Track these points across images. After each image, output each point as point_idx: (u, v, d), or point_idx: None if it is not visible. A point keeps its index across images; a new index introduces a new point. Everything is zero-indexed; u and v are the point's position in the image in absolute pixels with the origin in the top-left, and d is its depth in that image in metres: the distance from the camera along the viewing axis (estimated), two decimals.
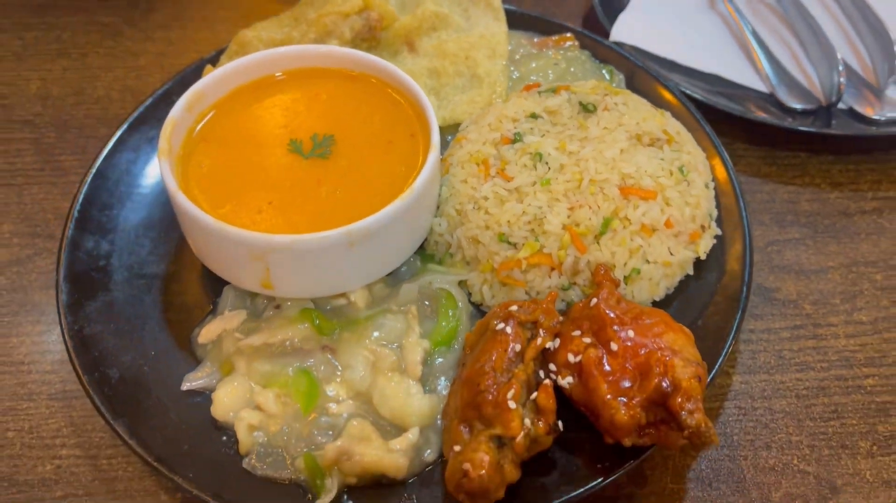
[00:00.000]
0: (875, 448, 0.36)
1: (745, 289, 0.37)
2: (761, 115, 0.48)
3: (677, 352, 0.33)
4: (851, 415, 0.37)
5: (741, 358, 0.39)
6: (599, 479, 0.32)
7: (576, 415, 0.34)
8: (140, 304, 0.40)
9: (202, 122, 0.41)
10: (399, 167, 0.38)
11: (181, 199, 0.36)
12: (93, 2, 0.69)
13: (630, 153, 0.39)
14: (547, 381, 0.33)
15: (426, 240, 0.42)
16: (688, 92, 0.48)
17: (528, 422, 0.32)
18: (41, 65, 0.55)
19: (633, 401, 0.32)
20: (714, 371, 0.35)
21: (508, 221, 0.38)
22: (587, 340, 0.34)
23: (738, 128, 0.49)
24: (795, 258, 0.43)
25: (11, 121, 0.51)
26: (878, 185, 0.46)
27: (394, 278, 0.40)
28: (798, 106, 0.48)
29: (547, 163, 0.39)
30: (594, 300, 0.36)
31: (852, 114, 0.48)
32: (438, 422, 0.35)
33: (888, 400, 0.37)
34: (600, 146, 0.39)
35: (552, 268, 0.38)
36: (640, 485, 0.36)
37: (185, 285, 0.41)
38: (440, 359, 0.37)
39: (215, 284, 0.40)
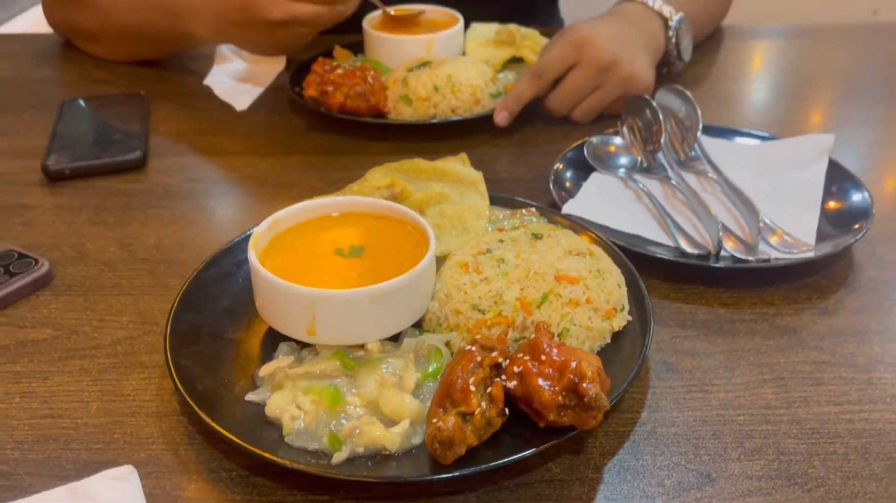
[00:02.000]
0: (742, 456, 0.49)
1: (645, 344, 0.53)
2: (668, 257, 0.66)
3: (584, 359, 0.48)
4: (726, 437, 0.50)
5: (648, 401, 0.54)
6: (532, 450, 0.46)
7: (521, 419, 0.48)
8: (219, 354, 0.56)
9: (277, 237, 0.61)
10: (408, 262, 0.56)
11: (258, 264, 0.55)
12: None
13: (563, 259, 0.57)
14: (497, 380, 0.48)
15: (423, 318, 0.59)
16: (614, 240, 0.68)
17: (484, 404, 0.47)
18: (158, 227, 0.75)
19: (555, 388, 0.47)
20: (622, 388, 0.49)
21: (479, 297, 0.54)
22: (527, 358, 0.49)
23: (652, 269, 0.66)
24: (692, 346, 0.58)
25: (135, 259, 0.70)
26: (754, 305, 0.62)
27: (399, 337, 0.57)
28: (694, 251, 0.66)
29: (507, 263, 0.57)
30: (533, 336, 0.52)
31: (734, 259, 0.67)
32: (424, 422, 0.49)
33: (753, 428, 0.51)
34: (543, 255, 0.58)
35: (508, 326, 0.54)
36: (567, 473, 0.48)
37: (251, 345, 0.57)
38: (428, 385, 0.53)
39: (273, 343, 0.57)
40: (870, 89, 1.04)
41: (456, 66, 0.90)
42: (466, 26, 1.03)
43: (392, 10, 1.01)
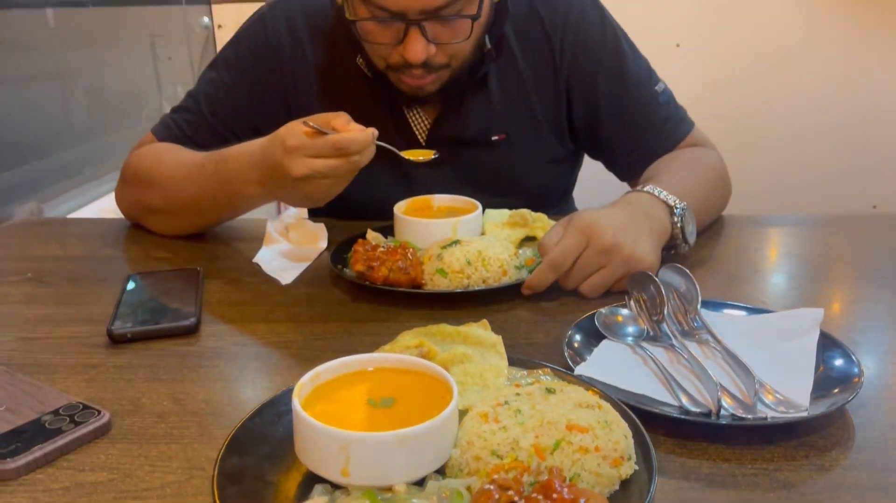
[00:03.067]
0: None
1: (651, 490, 0.57)
2: (672, 414, 0.72)
3: (593, 498, 0.53)
4: None
5: None
6: None
7: None
8: (261, 494, 0.60)
9: (318, 388, 0.68)
10: (434, 411, 0.62)
11: (300, 409, 0.61)
12: None
13: (574, 410, 0.63)
14: None
15: (446, 466, 0.64)
16: (623, 399, 0.73)
17: None
18: (208, 384, 0.82)
19: None
20: None
21: (498, 443, 0.60)
22: (540, 497, 0.54)
23: (658, 425, 0.72)
24: (696, 497, 0.62)
25: (185, 412, 0.76)
26: (755, 460, 0.65)
27: (424, 482, 0.62)
28: (696, 409, 0.72)
29: (523, 413, 0.63)
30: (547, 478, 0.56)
31: (734, 417, 0.72)
32: None
33: None
34: (556, 407, 0.64)
35: (523, 470, 0.59)
36: None
37: (289, 487, 0.62)
38: None
39: (309, 485, 0.62)
40: (864, 270, 1.12)
41: (483, 243, 1.02)
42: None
43: (405, 154, 1.14)
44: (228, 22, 2.75)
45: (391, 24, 1.08)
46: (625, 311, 0.89)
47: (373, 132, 1.00)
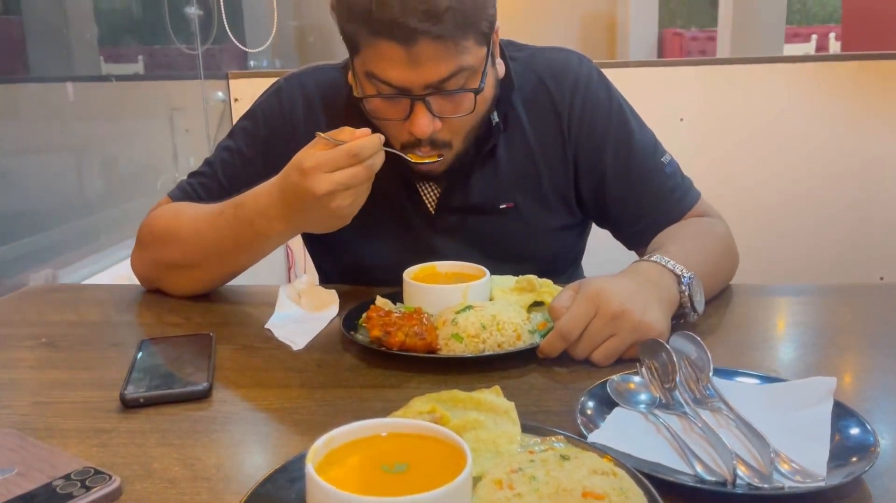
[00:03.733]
0: None
1: None
2: (688, 483, 0.71)
3: None
4: None
5: None
6: None
7: None
8: None
9: (331, 453, 0.68)
10: (447, 477, 0.62)
11: (313, 473, 0.61)
12: None
13: (589, 477, 0.62)
14: None
15: None
16: (637, 466, 0.73)
17: None
18: (219, 450, 0.82)
19: None
20: None
21: None
22: None
23: (674, 494, 0.70)
24: None
25: (197, 478, 0.74)
26: None
27: None
28: (711, 478, 0.71)
29: (537, 480, 0.63)
30: None
31: (750, 487, 0.71)
32: None
33: None
34: (570, 474, 0.63)
35: None
36: None
37: None
38: None
39: None
40: (873, 340, 1.12)
41: (496, 308, 1.03)
42: None
43: (411, 157, 1.16)
44: (244, 95, 2.84)
45: (397, 101, 1.12)
46: (637, 379, 0.89)
47: (380, 136, 1.04)
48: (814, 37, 9.48)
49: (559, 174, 1.31)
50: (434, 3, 0.99)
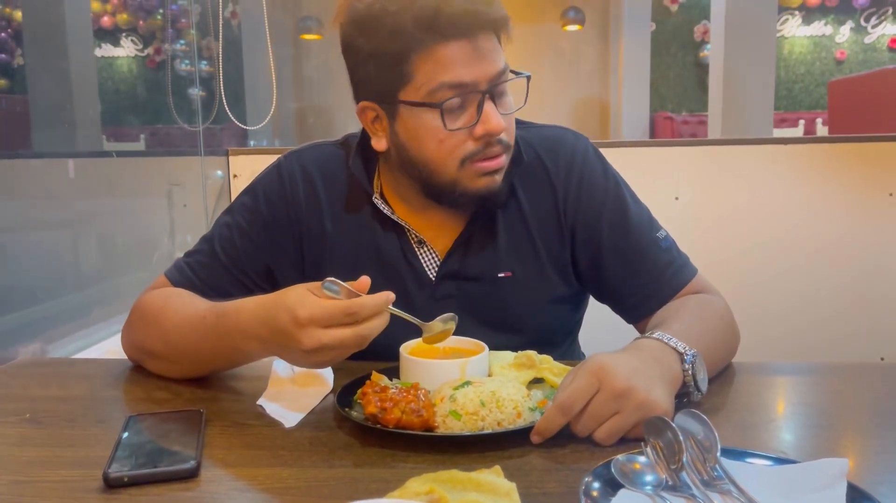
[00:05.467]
0: None
1: None
2: None
3: None
4: None
5: None
6: None
7: None
8: None
9: None
10: None
11: None
12: None
13: None
14: None
15: None
16: None
17: None
18: None
19: None
20: None
21: None
22: None
23: None
24: None
25: None
26: None
27: None
28: None
29: None
30: None
31: None
32: None
33: None
34: None
35: None
36: None
37: None
38: None
39: None
40: (880, 420, 1.10)
41: (495, 384, 1.01)
42: None
43: (425, 328, 1.12)
44: (244, 172, 2.86)
45: (466, 105, 1.15)
46: (642, 459, 0.86)
47: (387, 297, 1.01)
48: (801, 121, 9.74)
49: (556, 246, 1.31)
50: None
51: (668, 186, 2.86)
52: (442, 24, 1.07)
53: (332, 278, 1.01)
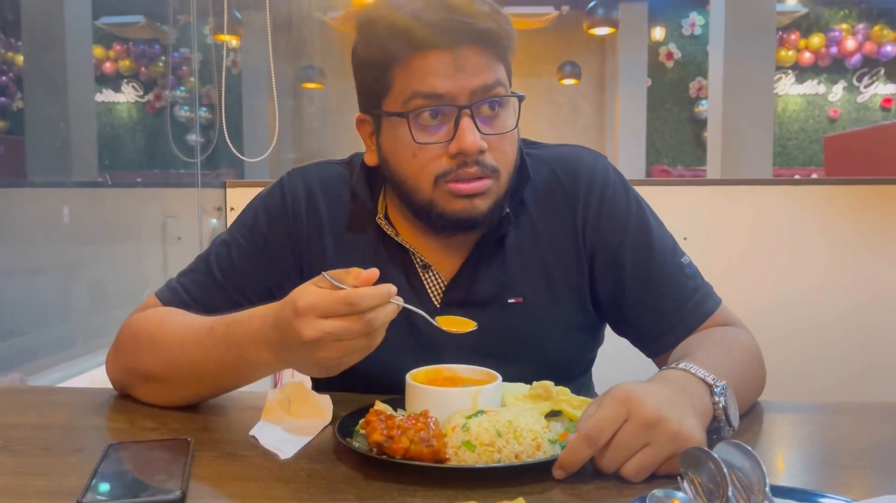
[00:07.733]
0: None
1: None
2: None
3: None
4: None
5: None
6: None
7: None
8: None
9: None
10: None
11: None
12: None
13: None
14: None
15: None
16: None
17: None
18: None
19: None
20: None
21: None
22: None
23: None
24: None
25: None
26: None
27: None
28: None
29: None
30: None
31: None
32: None
33: None
34: None
35: None
36: None
37: None
38: None
39: None
40: None
41: (512, 413, 0.92)
42: None
43: (435, 321, 1.03)
44: (240, 204, 2.81)
45: (442, 120, 1.09)
46: (681, 495, 0.77)
47: (389, 289, 0.93)
48: (797, 177, 9.82)
49: (572, 269, 1.23)
50: (477, 9, 1.03)
51: (677, 225, 2.81)
52: (420, 34, 1.03)
53: (333, 271, 0.95)
